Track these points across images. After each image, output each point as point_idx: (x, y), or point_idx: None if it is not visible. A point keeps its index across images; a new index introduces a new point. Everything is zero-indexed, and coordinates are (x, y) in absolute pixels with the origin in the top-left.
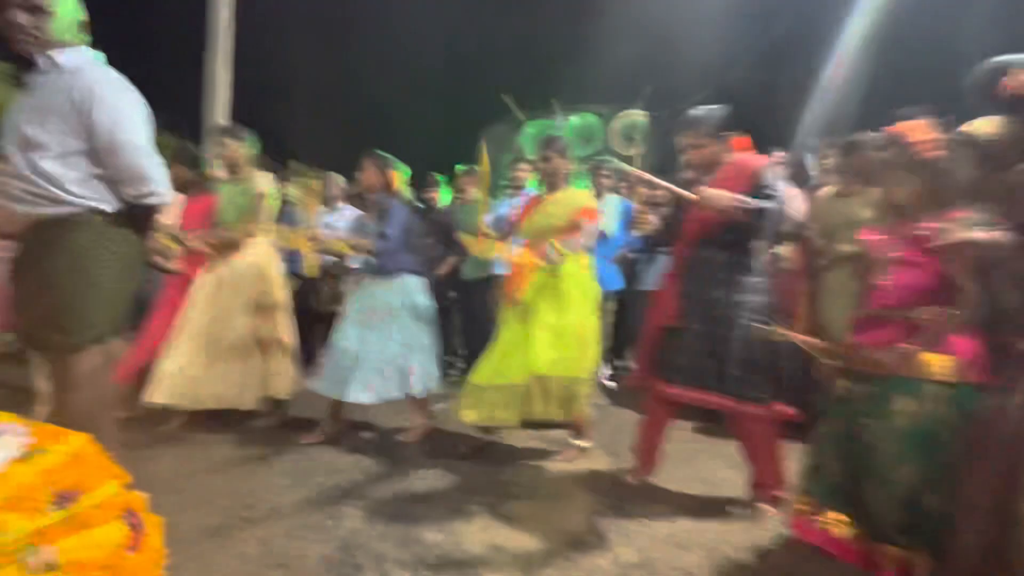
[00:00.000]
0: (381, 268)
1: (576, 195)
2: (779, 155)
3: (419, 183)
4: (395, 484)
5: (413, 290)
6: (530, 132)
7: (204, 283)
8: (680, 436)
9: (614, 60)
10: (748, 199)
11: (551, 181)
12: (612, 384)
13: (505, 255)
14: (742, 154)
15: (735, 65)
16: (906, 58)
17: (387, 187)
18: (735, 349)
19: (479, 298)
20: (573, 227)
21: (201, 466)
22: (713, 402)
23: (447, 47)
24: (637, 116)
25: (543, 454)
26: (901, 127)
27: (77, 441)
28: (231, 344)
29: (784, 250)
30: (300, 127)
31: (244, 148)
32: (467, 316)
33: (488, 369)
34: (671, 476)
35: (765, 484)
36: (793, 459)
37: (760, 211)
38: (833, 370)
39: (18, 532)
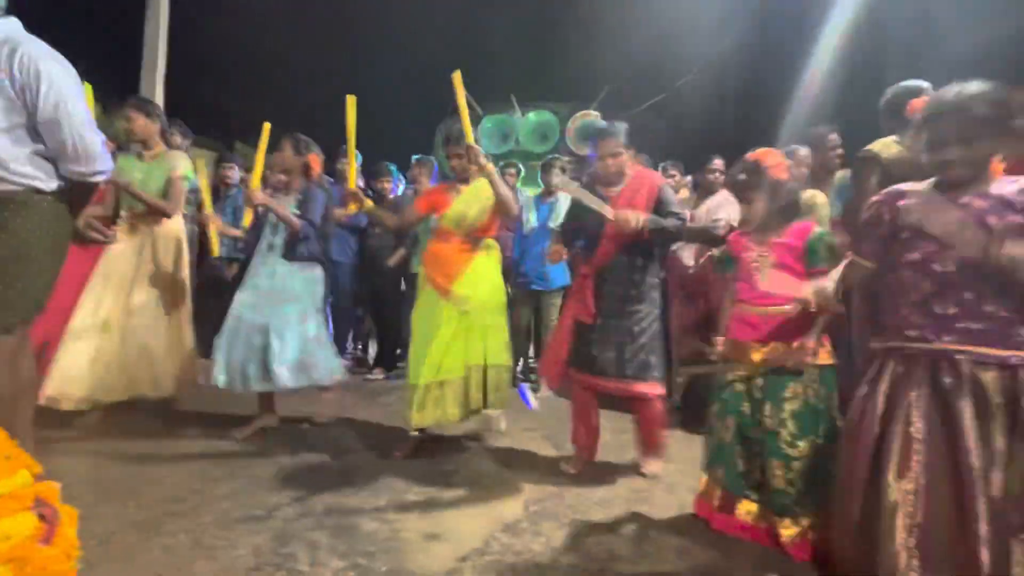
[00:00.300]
0: (292, 253)
1: (487, 189)
2: (718, 162)
3: (371, 172)
4: (332, 475)
5: (318, 280)
6: (487, 125)
7: (109, 264)
8: (618, 426)
9: (574, 60)
10: (656, 219)
11: (463, 175)
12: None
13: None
14: (643, 170)
15: (688, 72)
16: (860, 72)
17: (306, 171)
18: (638, 341)
19: None
20: (490, 219)
21: (125, 458)
22: (613, 387)
23: (406, 36)
24: (593, 117)
25: (484, 444)
26: (757, 153)
27: None
28: (136, 328)
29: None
30: (254, 108)
31: (153, 123)
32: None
33: (430, 367)
34: (608, 466)
35: (655, 446)
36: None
37: (663, 228)
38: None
39: None
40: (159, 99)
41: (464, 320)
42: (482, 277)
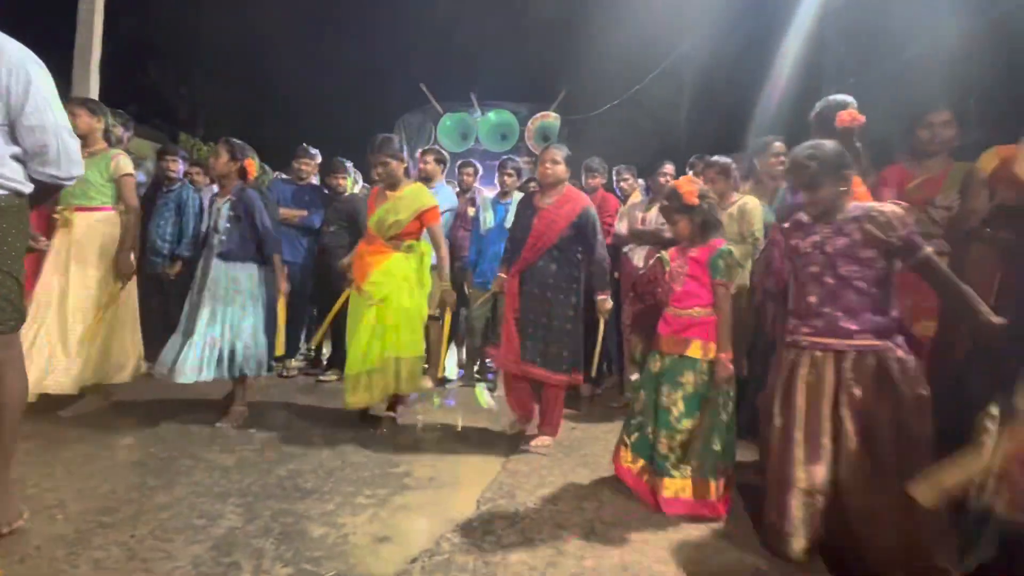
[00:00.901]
0: (230, 254)
1: (419, 194)
2: (668, 167)
3: (326, 168)
4: (279, 480)
5: (257, 279)
6: (447, 124)
7: (52, 263)
8: (564, 424)
9: (534, 60)
10: (603, 284)
11: (390, 182)
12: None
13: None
14: (575, 191)
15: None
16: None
17: (242, 175)
18: (551, 335)
19: None
20: (416, 224)
21: (52, 467)
22: (534, 374)
23: (365, 30)
24: (551, 119)
25: (440, 445)
26: (678, 182)
27: None
28: (74, 322)
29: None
30: (204, 99)
31: (97, 121)
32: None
33: (357, 357)
34: (558, 463)
35: (551, 424)
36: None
37: (603, 281)
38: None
39: None
40: (94, 86)
41: (380, 315)
42: (394, 275)
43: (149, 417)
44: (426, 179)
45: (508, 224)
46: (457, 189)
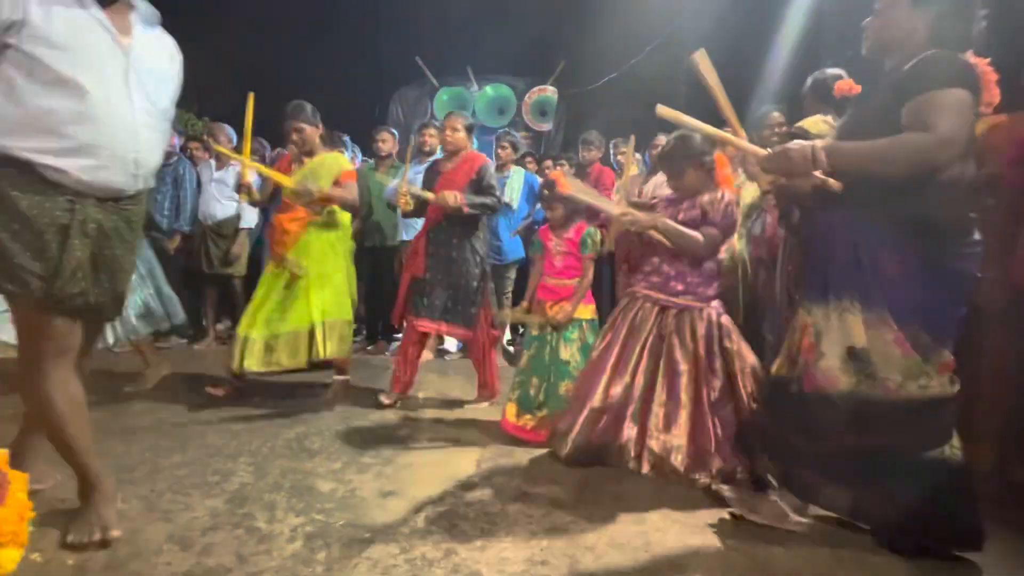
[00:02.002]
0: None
1: (336, 159)
2: (663, 139)
3: (326, 143)
4: (288, 442)
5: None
6: (443, 98)
7: None
8: None
9: (531, 34)
10: (473, 198)
11: (306, 149)
12: (511, 348)
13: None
14: (473, 153)
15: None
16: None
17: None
18: (464, 292)
19: (386, 264)
20: (335, 188)
21: None
22: (445, 330)
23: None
24: (549, 93)
25: (440, 411)
26: (553, 174)
27: None
28: None
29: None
30: (197, 73)
31: None
32: (372, 283)
33: (261, 320)
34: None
35: (485, 385)
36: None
37: (481, 205)
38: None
39: None
40: None
41: (302, 281)
42: (314, 243)
43: (157, 386)
44: (427, 154)
45: (505, 198)
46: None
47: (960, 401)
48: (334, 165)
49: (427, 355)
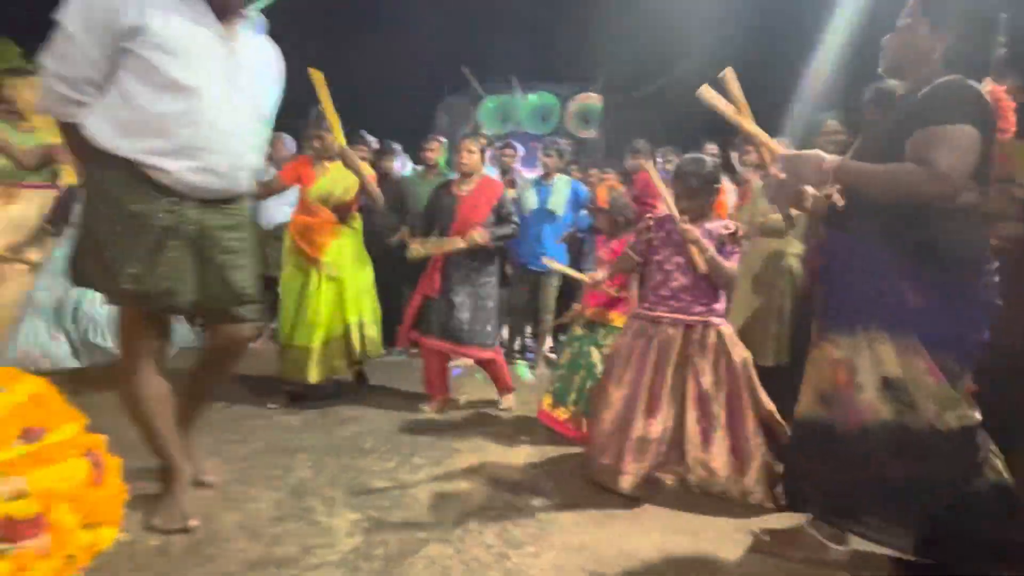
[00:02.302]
0: None
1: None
2: (712, 147)
3: (377, 152)
4: (343, 441)
5: None
6: (489, 106)
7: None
8: None
9: (576, 41)
10: (496, 231)
11: (326, 155)
12: (553, 356)
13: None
14: (490, 179)
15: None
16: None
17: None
18: (482, 312)
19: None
20: (355, 198)
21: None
22: (462, 351)
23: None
24: (593, 100)
25: (483, 417)
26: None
27: (36, 384)
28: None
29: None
30: None
31: (29, 91)
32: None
33: (309, 329)
34: None
35: (506, 387)
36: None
37: (503, 237)
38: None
39: None
40: None
41: (336, 285)
42: (347, 247)
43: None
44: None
45: (549, 206)
46: (498, 171)
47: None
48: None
49: (467, 359)
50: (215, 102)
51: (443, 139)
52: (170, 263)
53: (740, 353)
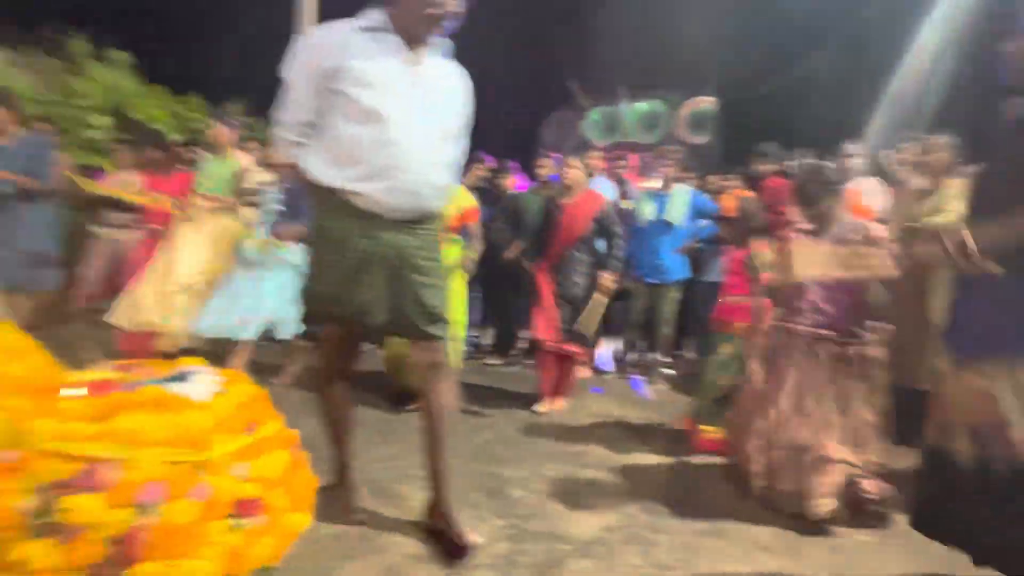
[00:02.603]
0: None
1: (463, 194)
2: (855, 148)
3: (495, 170)
4: (477, 446)
5: (295, 252)
6: (594, 118)
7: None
8: None
9: (685, 42)
10: (615, 264)
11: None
12: (671, 372)
13: None
14: (592, 192)
15: (811, 53)
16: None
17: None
18: (575, 314)
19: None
20: (459, 219)
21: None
22: (567, 348)
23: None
24: (707, 103)
25: (607, 431)
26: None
27: (249, 385)
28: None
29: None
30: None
31: (228, 131)
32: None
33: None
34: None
35: (561, 394)
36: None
37: (619, 261)
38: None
39: (225, 449)
40: None
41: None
42: (450, 256)
43: (358, 383)
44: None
45: (667, 216)
46: (612, 182)
47: None
48: (461, 198)
49: (584, 372)
50: (402, 125)
51: (555, 155)
52: (367, 285)
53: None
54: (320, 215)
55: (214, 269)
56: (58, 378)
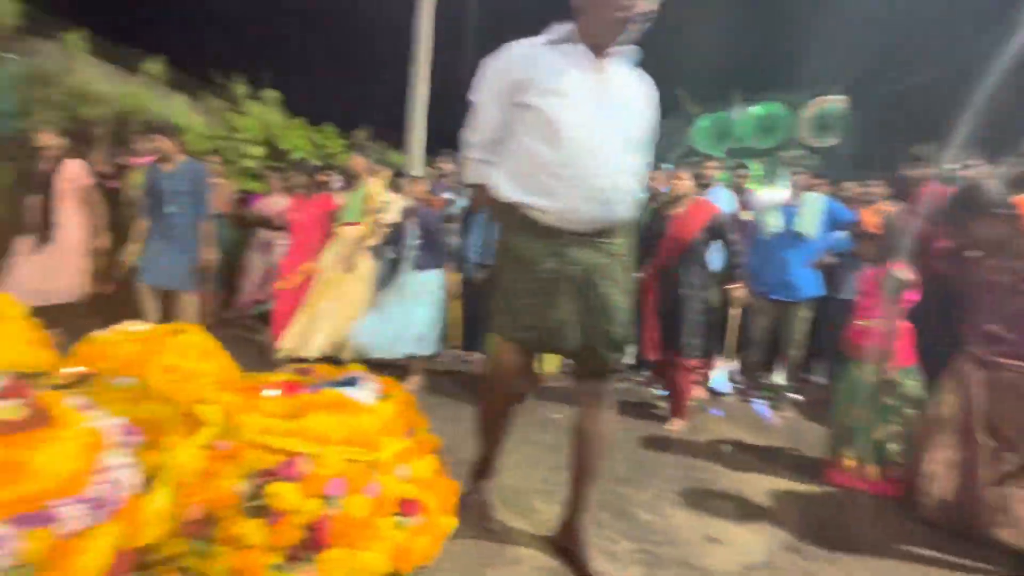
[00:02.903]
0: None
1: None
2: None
3: None
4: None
5: (435, 279)
6: (703, 125)
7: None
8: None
9: (810, 36)
10: (742, 274)
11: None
12: (798, 397)
13: None
14: (702, 201)
15: (977, 36)
16: None
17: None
18: (694, 325)
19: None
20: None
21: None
22: (678, 363)
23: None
24: (834, 103)
25: (731, 457)
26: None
27: (403, 392)
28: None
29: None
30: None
31: (363, 161)
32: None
33: None
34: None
35: (678, 411)
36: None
37: (743, 272)
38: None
39: (391, 451)
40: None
41: None
42: None
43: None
44: (706, 186)
45: (797, 227)
46: (732, 191)
47: None
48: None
49: (700, 392)
50: (589, 133)
51: (665, 165)
52: (558, 307)
53: None
54: (507, 234)
55: (358, 291)
56: (257, 378)
